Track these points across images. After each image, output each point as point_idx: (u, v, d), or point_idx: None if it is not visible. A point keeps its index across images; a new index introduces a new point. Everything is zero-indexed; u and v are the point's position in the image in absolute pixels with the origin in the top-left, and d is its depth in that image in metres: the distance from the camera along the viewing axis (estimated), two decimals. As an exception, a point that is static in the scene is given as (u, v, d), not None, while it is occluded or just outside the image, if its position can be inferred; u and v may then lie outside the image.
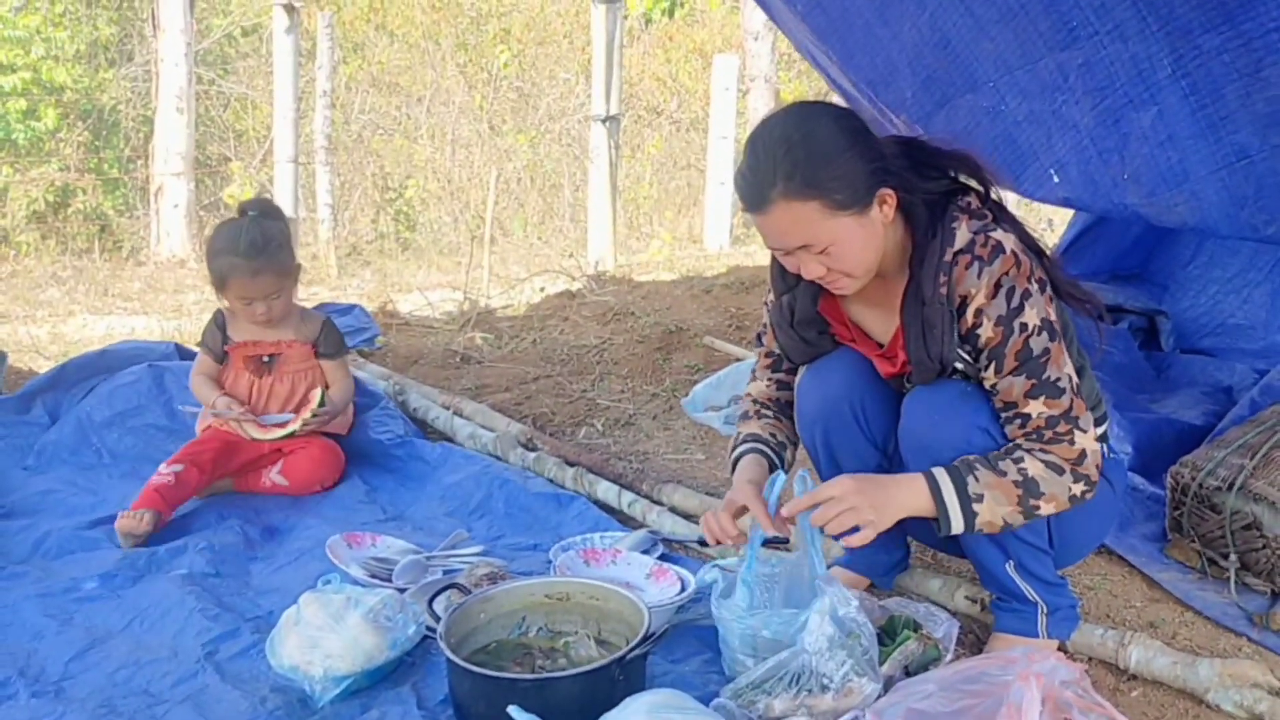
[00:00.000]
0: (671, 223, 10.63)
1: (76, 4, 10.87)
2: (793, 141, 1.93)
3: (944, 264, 2.00)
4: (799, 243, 1.97)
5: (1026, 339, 1.98)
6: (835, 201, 1.93)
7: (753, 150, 1.98)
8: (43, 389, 3.73)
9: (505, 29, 12.66)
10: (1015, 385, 2.00)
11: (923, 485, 2.00)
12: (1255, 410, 3.11)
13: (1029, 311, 1.98)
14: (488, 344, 4.83)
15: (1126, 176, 2.86)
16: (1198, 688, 2.09)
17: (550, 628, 2.23)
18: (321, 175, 8.93)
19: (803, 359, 2.29)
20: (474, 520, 3.01)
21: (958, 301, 2.00)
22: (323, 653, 2.11)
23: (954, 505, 1.98)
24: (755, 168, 1.96)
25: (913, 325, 2.05)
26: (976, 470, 1.99)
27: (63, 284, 7.58)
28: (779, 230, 1.98)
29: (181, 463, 3.02)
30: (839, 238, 1.96)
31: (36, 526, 2.96)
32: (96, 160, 10.41)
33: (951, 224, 2.01)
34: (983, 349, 2.01)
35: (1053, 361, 1.99)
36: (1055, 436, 1.99)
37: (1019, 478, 1.98)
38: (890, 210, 2.00)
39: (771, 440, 2.30)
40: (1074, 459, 1.99)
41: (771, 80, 11.15)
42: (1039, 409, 1.99)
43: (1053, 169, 3.05)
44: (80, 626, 2.44)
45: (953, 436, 2.03)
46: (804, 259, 2.00)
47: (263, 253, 3.06)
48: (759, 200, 1.96)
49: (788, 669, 1.95)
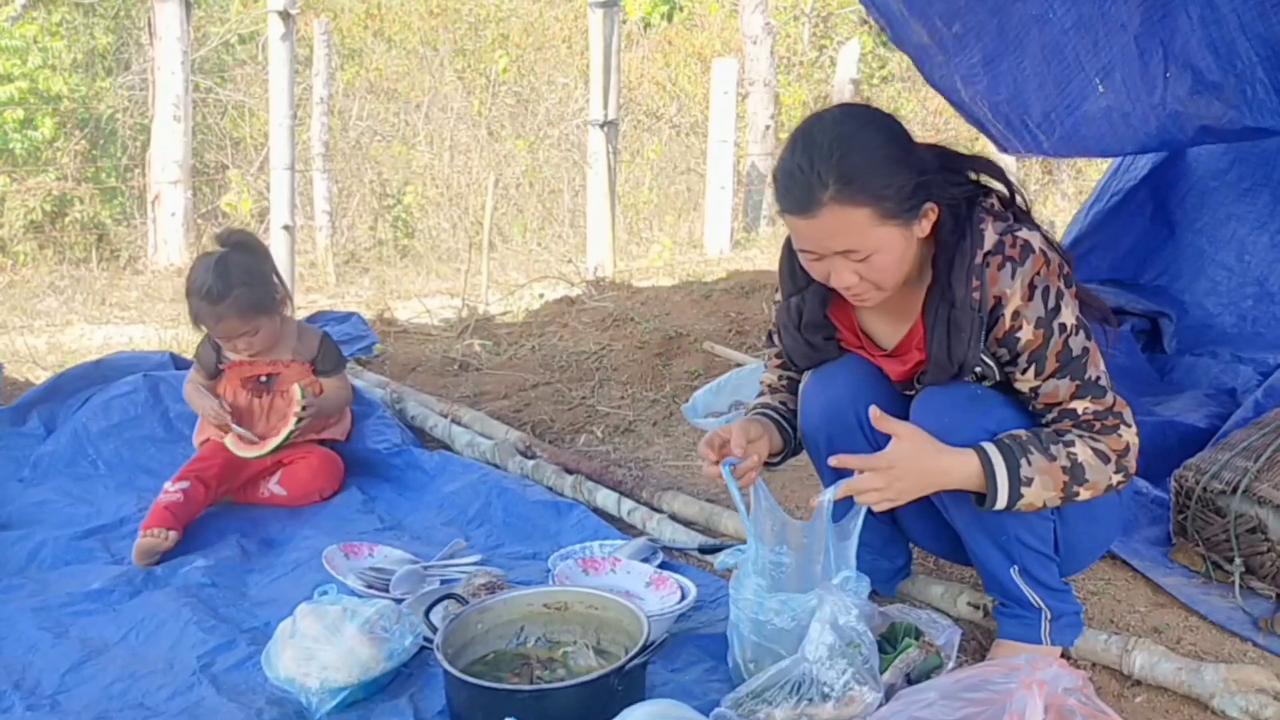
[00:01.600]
0: (672, 227, 10.61)
1: (73, 13, 10.87)
2: (849, 144, 1.89)
3: (975, 267, 1.98)
4: (842, 248, 1.93)
5: (1066, 340, 1.98)
6: (885, 210, 1.91)
7: (803, 149, 1.92)
8: (38, 400, 3.72)
9: (503, 34, 12.66)
10: (1060, 388, 2.01)
11: (975, 462, 1.98)
12: (1259, 412, 3.09)
13: (1065, 311, 1.99)
14: (486, 351, 4.81)
15: (1169, 75, 2.90)
16: (1203, 693, 2.08)
17: (549, 638, 2.22)
18: (319, 182, 8.92)
19: (807, 364, 2.27)
20: (472, 529, 3.00)
21: (991, 303, 1.98)
22: (319, 664, 2.10)
23: (1004, 486, 1.97)
24: (806, 168, 1.90)
25: (938, 327, 2.03)
26: (1030, 453, 1.98)
27: (60, 293, 7.56)
28: (824, 234, 1.93)
29: (188, 479, 3.00)
30: (882, 247, 1.94)
31: (31, 537, 2.95)
32: (94, 169, 10.40)
33: (979, 225, 2.00)
34: (1021, 352, 2.00)
35: (1091, 361, 2.02)
36: (1104, 429, 2.02)
37: (1067, 463, 1.99)
38: (928, 225, 1.99)
39: (783, 408, 2.31)
40: (1121, 450, 2.02)
41: (771, 84, 11.15)
42: (1085, 406, 2.02)
43: (1098, 77, 3.10)
44: (76, 639, 2.43)
45: (962, 440, 2.01)
46: (838, 266, 1.96)
47: (225, 297, 3.03)
48: (808, 202, 1.91)
49: (788, 678, 1.93)
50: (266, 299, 3.13)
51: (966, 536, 2.16)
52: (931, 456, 1.99)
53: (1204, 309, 4.08)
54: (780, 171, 1.96)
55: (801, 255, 2.03)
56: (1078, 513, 2.11)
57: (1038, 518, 2.08)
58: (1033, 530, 2.09)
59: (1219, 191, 4.20)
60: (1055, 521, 2.11)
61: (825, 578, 2.07)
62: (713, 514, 2.92)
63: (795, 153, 1.93)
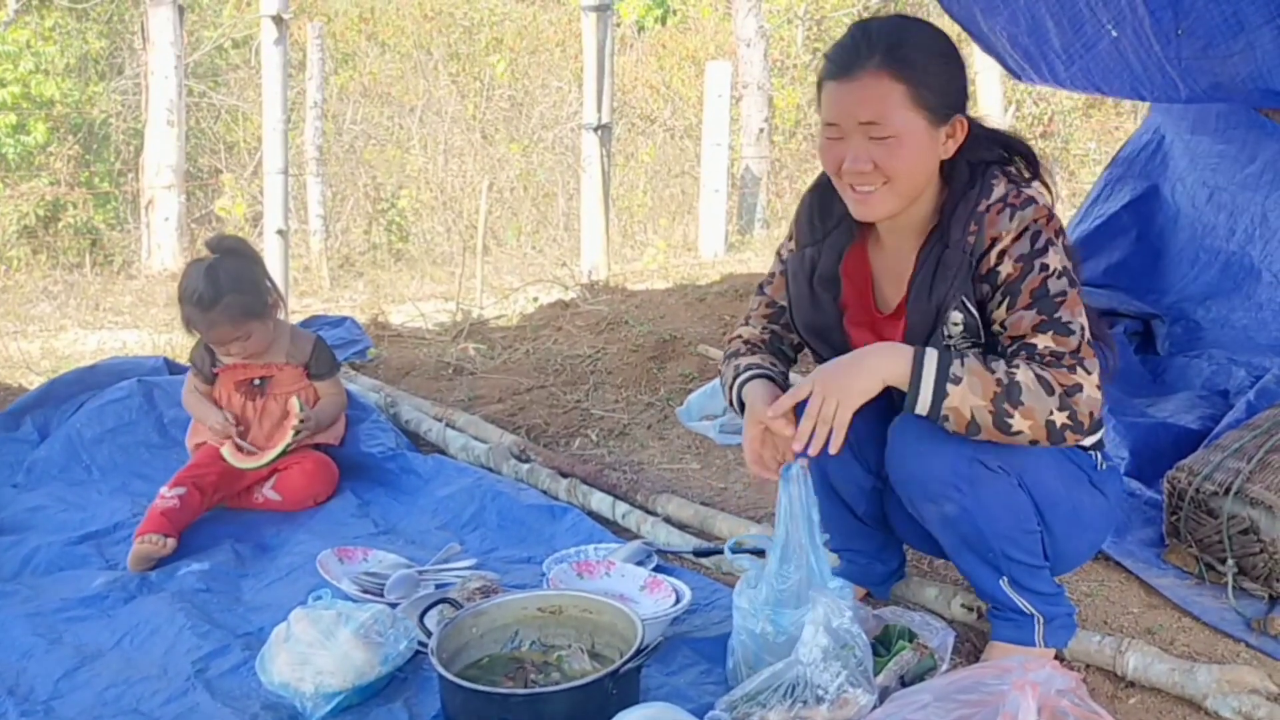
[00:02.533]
0: (666, 230, 10.62)
1: (66, 18, 10.85)
2: (905, 31, 1.98)
3: (976, 213, 1.99)
4: (868, 117, 1.95)
5: (1045, 278, 1.96)
6: (921, 97, 1.95)
7: (857, 29, 2.00)
8: (32, 406, 3.71)
9: (497, 38, 12.66)
10: (1025, 319, 1.96)
11: (907, 354, 1.96)
12: (1252, 413, 3.10)
13: (1052, 254, 1.97)
14: (481, 355, 4.81)
15: (1181, 32, 2.96)
16: (1196, 694, 2.08)
17: (543, 642, 2.22)
18: (313, 186, 8.93)
19: (804, 320, 2.21)
20: (467, 533, 3.00)
21: (986, 244, 1.98)
22: (313, 669, 2.10)
23: (929, 379, 1.94)
24: (857, 40, 1.98)
25: (925, 265, 2.03)
26: (966, 357, 1.95)
27: (54, 299, 7.56)
28: (856, 100, 1.95)
29: (184, 485, 2.99)
30: (906, 132, 1.95)
31: (25, 543, 2.95)
32: (87, 174, 10.39)
33: (990, 180, 2.02)
34: (999, 286, 1.99)
35: (1068, 305, 1.97)
36: (1055, 363, 1.94)
37: (1004, 379, 1.92)
38: (953, 145, 2.02)
39: (773, 369, 2.23)
40: (1069, 386, 1.92)
41: (765, 87, 11.16)
42: (1045, 343, 1.95)
43: (1110, 24, 3.15)
44: (70, 645, 2.43)
45: (940, 468, 2.00)
46: (858, 144, 1.97)
47: (215, 303, 3.03)
48: (850, 65, 1.96)
49: (782, 680, 1.93)
50: (257, 304, 3.13)
51: (954, 556, 2.16)
52: (855, 353, 2.01)
53: (1196, 315, 4.11)
54: (832, 46, 2.03)
55: (826, 133, 2.02)
56: (1064, 520, 2.10)
57: (1022, 532, 2.05)
58: (1018, 544, 2.07)
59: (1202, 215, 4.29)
60: (1042, 531, 2.09)
61: (811, 577, 2.07)
62: (707, 517, 2.92)
63: (850, 33, 2.01)
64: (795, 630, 1.98)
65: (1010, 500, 2.03)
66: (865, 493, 2.26)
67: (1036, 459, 2.04)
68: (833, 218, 2.19)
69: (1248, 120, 4.19)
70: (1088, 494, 2.12)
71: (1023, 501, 2.04)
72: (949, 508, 2.04)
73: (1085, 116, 12.20)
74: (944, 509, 2.04)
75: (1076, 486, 2.10)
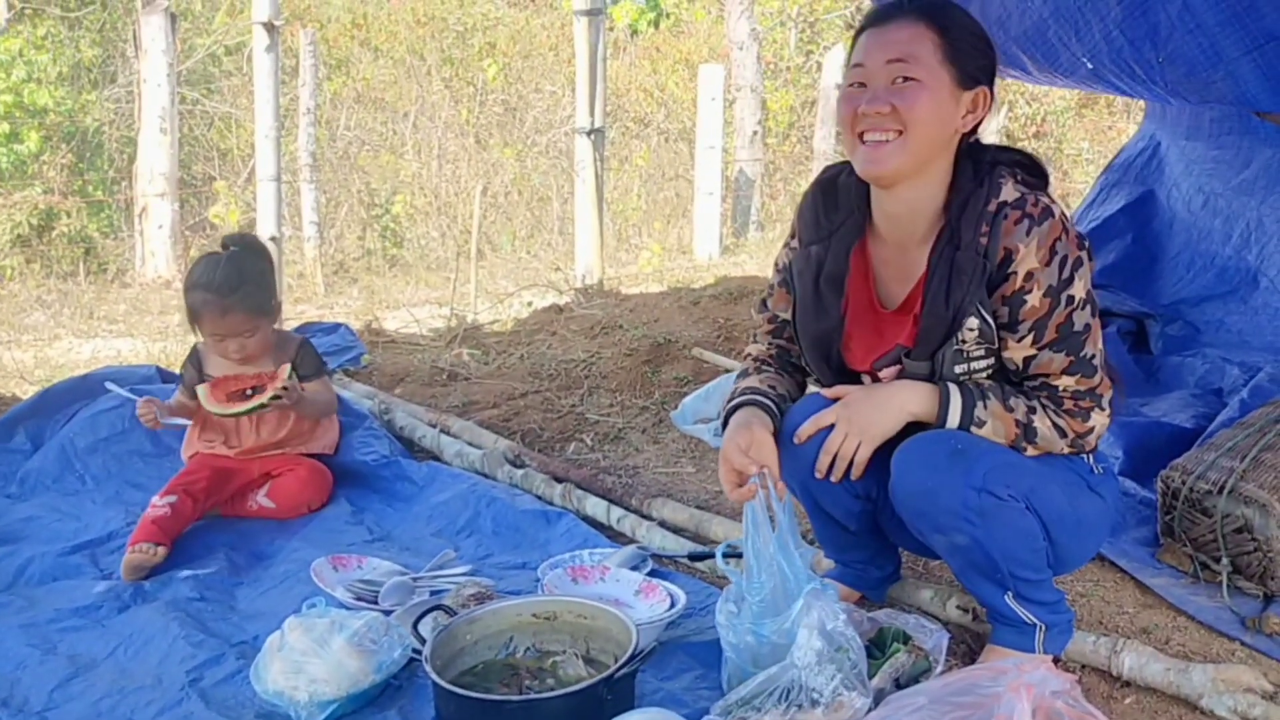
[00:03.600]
0: (661, 234, 10.63)
1: (58, 26, 10.83)
2: (946, 2, 2.01)
3: (987, 213, 1.97)
4: (897, 55, 1.95)
5: (1071, 312, 1.97)
6: (950, 53, 1.96)
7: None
8: (25, 416, 3.70)
9: (490, 43, 12.66)
10: (1054, 362, 1.99)
11: (933, 394, 2.02)
12: (1245, 412, 3.11)
13: (1078, 284, 1.97)
14: (475, 360, 4.80)
15: (1161, 60, 2.98)
16: (1191, 694, 2.08)
17: (538, 647, 2.21)
18: (306, 193, 8.91)
19: (807, 329, 2.18)
20: (462, 539, 2.99)
21: (1000, 255, 1.96)
22: (308, 677, 2.09)
23: (954, 421, 2.02)
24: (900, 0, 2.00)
25: (938, 269, 2.00)
26: (988, 399, 2.01)
27: (48, 307, 7.55)
28: (887, 40, 1.96)
29: (175, 493, 2.98)
30: (932, 80, 1.95)
31: (19, 554, 2.93)
32: (80, 182, 10.37)
33: (998, 180, 2.00)
34: (1024, 318, 1.98)
35: (1090, 338, 2.00)
36: (1075, 409, 2.02)
37: (1024, 421, 2.01)
38: (972, 120, 2.01)
39: (771, 393, 2.22)
40: (1082, 433, 2.03)
41: (758, 89, 11.18)
42: (1070, 384, 2.01)
43: (1085, 58, 3.16)
44: (63, 655, 2.42)
45: (950, 500, 1.98)
46: (880, 85, 1.96)
47: (235, 291, 3.03)
48: (888, 15, 1.98)
49: (777, 684, 1.92)
50: (268, 303, 3.15)
51: (959, 575, 2.16)
52: (883, 390, 2.05)
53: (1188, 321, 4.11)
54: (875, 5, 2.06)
55: (849, 79, 2.02)
56: (1069, 531, 2.09)
57: (1030, 552, 2.05)
58: (1026, 564, 2.06)
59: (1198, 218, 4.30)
60: (1046, 545, 2.08)
61: (785, 583, 2.06)
62: (702, 520, 2.92)
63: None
64: (778, 638, 1.98)
65: (1020, 525, 2.02)
66: (855, 513, 2.25)
67: (1040, 477, 2.04)
68: (838, 213, 2.16)
69: (1241, 126, 4.21)
70: (1087, 500, 2.11)
71: (1031, 523, 2.03)
72: (960, 539, 2.02)
73: (1078, 116, 12.23)
74: (954, 540, 2.03)
75: (1078, 495, 2.10)
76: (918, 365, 2.06)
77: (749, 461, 2.07)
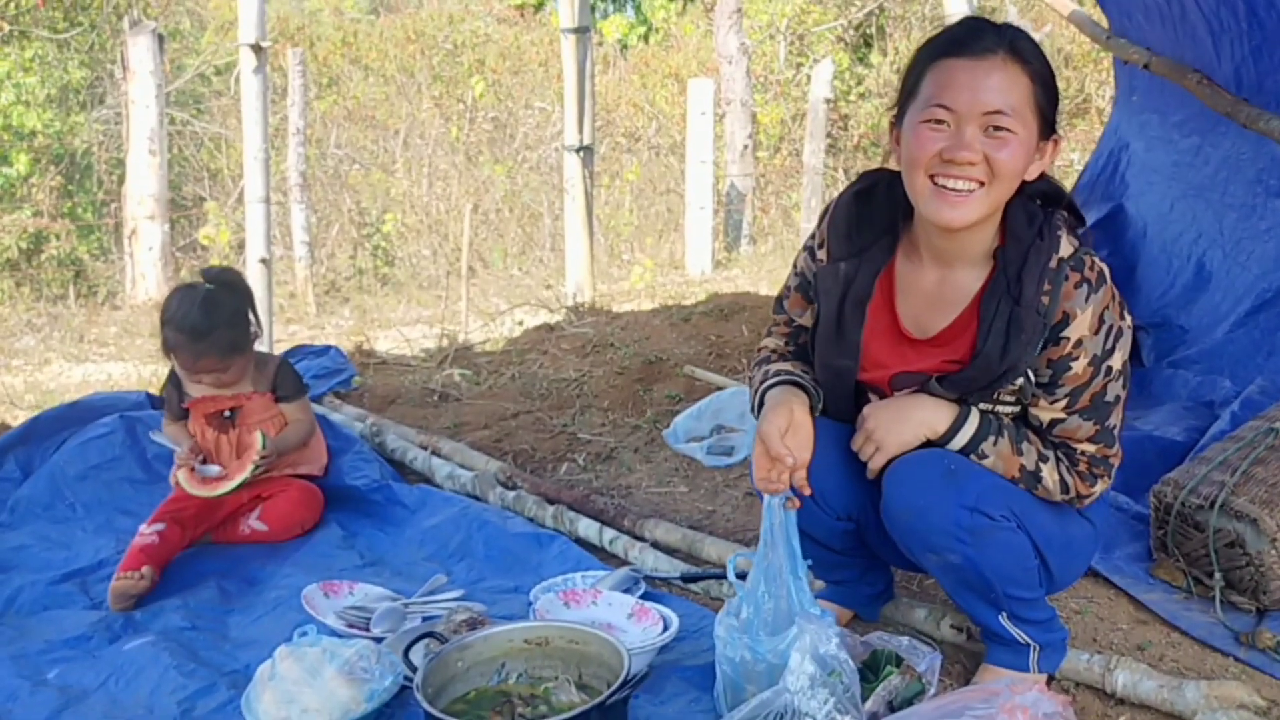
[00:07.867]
0: (653, 249, 10.64)
1: (46, 48, 10.84)
2: (1020, 31, 1.88)
3: (1049, 270, 1.91)
4: (997, 105, 1.82)
5: (1107, 383, 1.97)
6: (1039, 98, 1.87)
7: (971, 19, 1.93)
8: (14, 444, 3.67)
9: (479, 60, 12.69)
10: (1081, 429, 2.00)
11: (951, 414, 2.02)
12: (1236, 425, 3.09)
13: (1117, 355, 1.95)
14: (466, 380, 4.79)
15: None
16: (1185, 710, 2.08)
17: (530, 674, 2.20)
18: (297, 213, 8.92)
19: (828, 347, 2.11)
20: (454, 563, 2.98)
21: (1058, 317, 1.91)
22: (299, 707, 2.08)
23: (960, 445, 2.02)
24: (981, 25, 1.88)
25: (997, 321, 1.94)
26: (1000, 438, 2.00)
27: (38, 331, 7.54)
28: (983, 85, 1.82)
29: (163, 521, 2.96)
30: (1022, 134, 1.85)
31: (9, 583, 2.91)
32: (70, 205, 10.37)
33: (1055, 231, 1.95)
34: (1064, 384, 1.96)
35: (1117, 409, 2.00)
36: (1087, 473, 2.03)
37: (1031, 469, 2.01)
38: (1038, 167, 1.93)
39: (804, 376, 2.15)
40: (1084, 494, 2.05)
41: (747, 103, 11.21)
42: (1089, 450, 2.02)
43: None
44: (54, 686, 2.40)
45: (942, 520, 1.98)
46: (972, 133, 1.83)
47: (207, 336, 3.02)
48: (978, 45, 1.84)
49: (770, 709, 1.91)
50: (244, 340, 3.13)
51: (953, 595, 2.16)
52: (906, 403, 2.05)
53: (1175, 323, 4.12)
54: (944, 29, 1.92)
55: (928, 116, 1.86)
56: (1059, 552, 2.10)
57: (1023, 571, 2.05)
58: (1019, 583, 2.06)
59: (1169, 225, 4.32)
60: (1039, 564, 2.08)
61: (791, 606, 2.06)
62: (695, 541, 2.91)
63: (964, 20, 1.94)
64: (774, 658, 1.97)
65: (1012, 545, 2.02)
66: (838, 534, 2.24)
67: (1031, 500, 2.04)
68: (871, 231, 2.07)
69: (1200, 126, 4.21)
70: (1076, 524, 2.12)
71: (1023, 543, 2.03)
72: (952, 558, 2.02)
73: (1069, 127, 12.25)
74: (947, 559, 2.03)
75: (1066, 518, 2.10)
76: (944, 396, 2.05)
77: (785, 451, 2.00)
